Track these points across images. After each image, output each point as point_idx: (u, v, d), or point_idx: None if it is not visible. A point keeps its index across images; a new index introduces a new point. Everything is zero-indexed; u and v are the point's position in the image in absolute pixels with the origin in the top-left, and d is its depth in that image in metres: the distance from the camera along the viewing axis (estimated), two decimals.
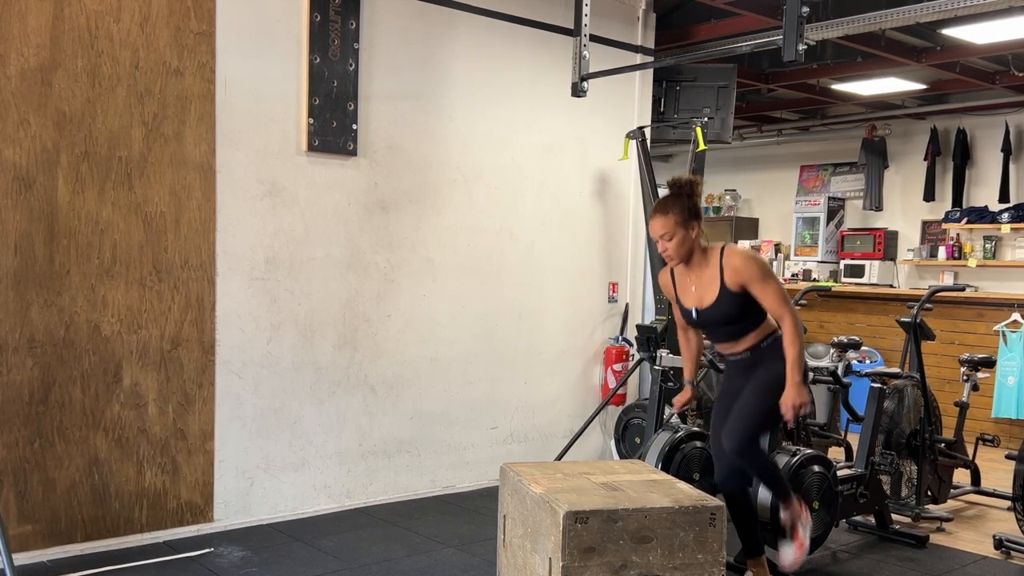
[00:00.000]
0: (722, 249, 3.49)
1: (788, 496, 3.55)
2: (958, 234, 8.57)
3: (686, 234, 3.44)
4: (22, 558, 3.77)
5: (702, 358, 5.18)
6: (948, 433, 5.09)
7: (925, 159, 8.97)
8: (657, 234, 3.47)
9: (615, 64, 5.43)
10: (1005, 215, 8.12)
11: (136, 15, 3.99)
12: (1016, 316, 6.67)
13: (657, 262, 5.94)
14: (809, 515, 3.60)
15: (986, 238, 8.41)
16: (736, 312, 3.46)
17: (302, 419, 4.59)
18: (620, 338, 5.97)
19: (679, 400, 3.78)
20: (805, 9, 3.81)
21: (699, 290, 3.52)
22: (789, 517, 3.54)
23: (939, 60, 6.79)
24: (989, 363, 5.20)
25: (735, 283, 3.41)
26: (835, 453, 5.37)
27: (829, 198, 9.65)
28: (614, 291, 6.04)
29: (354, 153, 4.69)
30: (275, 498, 4.52)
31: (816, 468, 3.95)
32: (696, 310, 3.55)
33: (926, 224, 9.12)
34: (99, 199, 3.94)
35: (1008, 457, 4.60)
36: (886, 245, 9.11)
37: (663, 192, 3.58)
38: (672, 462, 4.18)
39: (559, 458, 5.39)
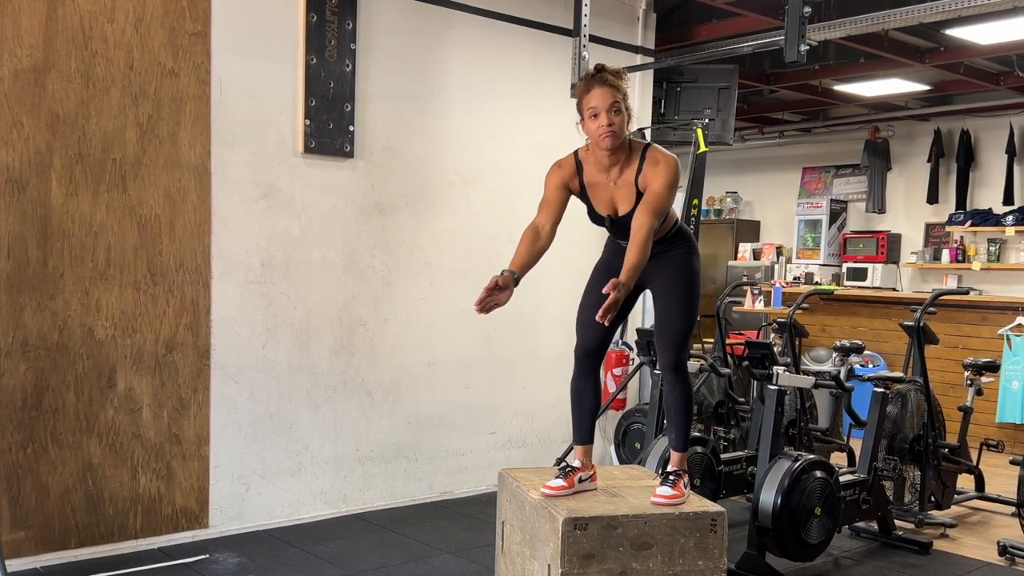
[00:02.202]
0: (647, 146, 3.11)
1: (687, 447, 3.32)
2: (962, 237, 8.53)
3: (628, 117, 3.03)
4: (15, 565, 3.73)
5: (702, 361, 5.17)
6: (952, 438, 5.05)
7: (928, 161, 8.94)
8: (605, 105, 2.97)
9: (615, 65, 5.37)
10: (1009, 217, 8.08)
11: (130, 15, 3.95)
12: (1021, 320, 6.62)
13: None
14: (689, 484, 3.29)
15: (990, 241, 8.37)
16: None
17: (298, 424, 4.55)
18: (620, 342, 5.92)
19: (492, 282, 2.94)
20: (807, 9, 3.79)
21: (615, 194, 3.14)
22: (678, 466, 3.26)
23: (942, 61, 6.76)
24: (993, 367, 5.15)
25: (643, 183, 3.05)
26: (837, 458, 5.33)
27: (831, 200, 9.62)
28: None
29: (351, 155, 4.65)
30: (271, 504, 4.48)
31: (818, 473, 3.90)
32: (611, 219, 3.18)
33: (929, 227, 9.08)
34: (93, 201, 3.90)
35: (1012, 462, 4.56)
36: (889, 248, 9.08)
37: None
38: None
39: (558, 463, 5.34)
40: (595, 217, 3.26)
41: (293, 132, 4.46)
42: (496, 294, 2.97)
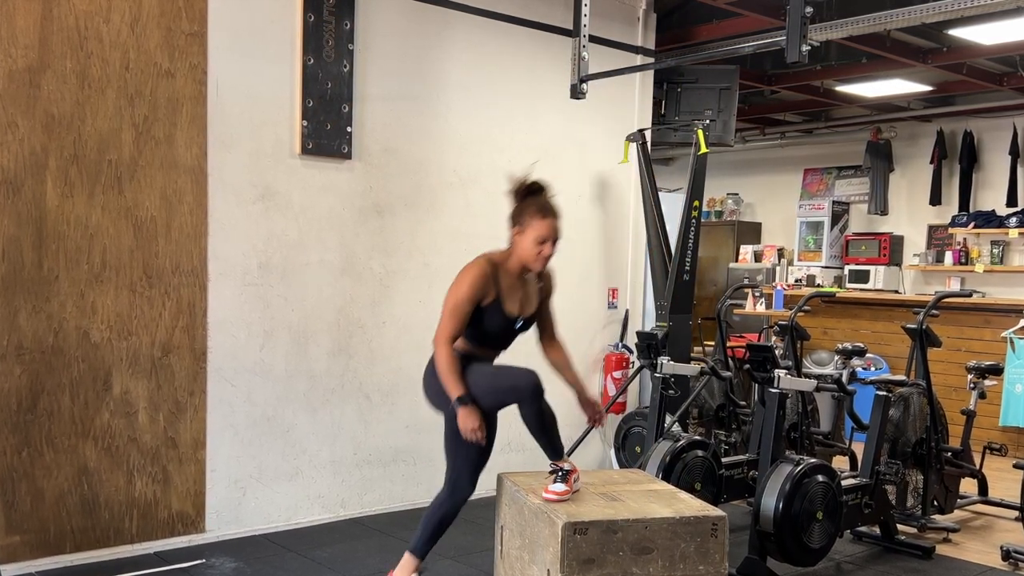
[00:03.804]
0: None
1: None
2: (965, 239, 8.50)
3: None
4: (10, 569, 3.71)
5: (703, 364, 5.12)
6: (955, 442, 5.01)
7: (931, 162, 8.91)
8: (555, 236, 3.24)
9: (615, 65, 5.35)
10: (1013, 219, 8.04)
11: (126, 15, 3.92)
12: None
13: (659, 267, 5.87)
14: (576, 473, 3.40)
15: (993, 243, 8.34)
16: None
17: (296, 427, 4.52)
18: (620, 345, 5.89)
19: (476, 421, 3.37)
20: (809, 9, 3.75)
21: (524, 296, 3.35)
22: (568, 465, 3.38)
23: (945, 61, 6.73)
24: (996, 370, 5.12)
25: (545, 291, 3.45)
26: (839, 462, 5.30)
27: (833, 202, 9.59)
28: (614, 297, 5.96)
29: (348, 156, 4.62)
30: (268, 508, 4.45)
31: (820, 477, 3.87)
32: (520, 319, 3.36)
33: (932, 229, 9.05)
34: (88, 203, 3.87)
35: (1016, 466, 4.53)
36: (891, 250, 9.04)
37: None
38: (673, 472, 4.12)
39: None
40: (499, 320, 3.29)
41: (290, 133, 4.43)
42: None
